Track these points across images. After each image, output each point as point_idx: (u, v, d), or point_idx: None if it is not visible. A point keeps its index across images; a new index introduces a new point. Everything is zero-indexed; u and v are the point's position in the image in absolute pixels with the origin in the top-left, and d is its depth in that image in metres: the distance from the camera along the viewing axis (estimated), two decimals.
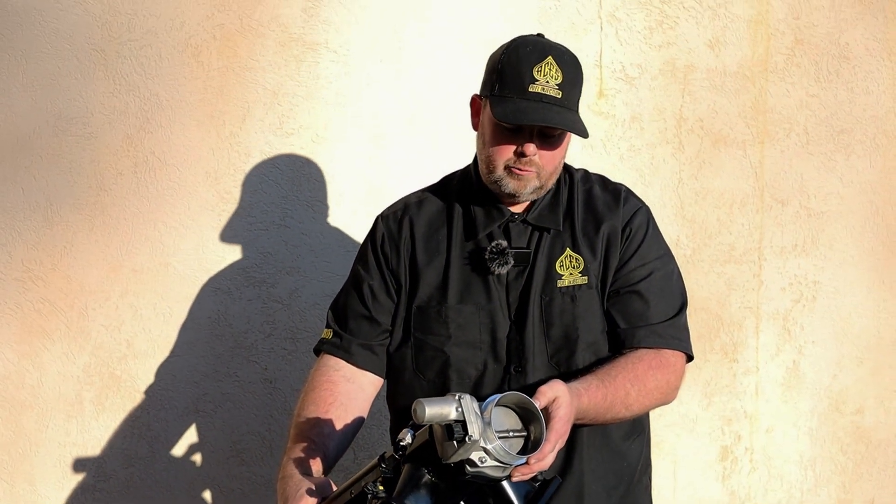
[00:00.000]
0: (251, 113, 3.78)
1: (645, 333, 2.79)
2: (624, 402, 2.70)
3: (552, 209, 2.84)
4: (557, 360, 2.78)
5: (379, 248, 2.91)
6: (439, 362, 2.81)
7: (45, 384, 3.68)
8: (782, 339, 4.34)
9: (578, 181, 2.90)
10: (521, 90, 2.70)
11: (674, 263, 2.90)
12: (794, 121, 4.29)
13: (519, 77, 2.70)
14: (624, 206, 2.86)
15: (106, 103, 3.67)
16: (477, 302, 2.80)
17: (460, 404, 2.22)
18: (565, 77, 2.72)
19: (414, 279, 2.86)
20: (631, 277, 2.82)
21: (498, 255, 2.78)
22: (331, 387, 2.83)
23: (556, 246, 2.82)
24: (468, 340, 2.80)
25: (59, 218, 3.66)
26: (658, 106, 4.15)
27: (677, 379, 2.82)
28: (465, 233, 2.84)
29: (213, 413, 3.81)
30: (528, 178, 2.74)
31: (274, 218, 3.81)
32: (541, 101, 2.69)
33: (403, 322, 2.86)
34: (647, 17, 4.12)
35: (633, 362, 2.74)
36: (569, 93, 2.72)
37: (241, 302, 3.80)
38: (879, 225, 4.41)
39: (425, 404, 2.20)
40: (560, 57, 2.74)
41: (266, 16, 3.77)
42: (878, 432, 4.47)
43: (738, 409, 4.31)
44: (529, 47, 2.74)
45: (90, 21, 3.64)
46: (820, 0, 4.29)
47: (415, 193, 2.99)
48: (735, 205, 4.25)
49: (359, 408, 2.85)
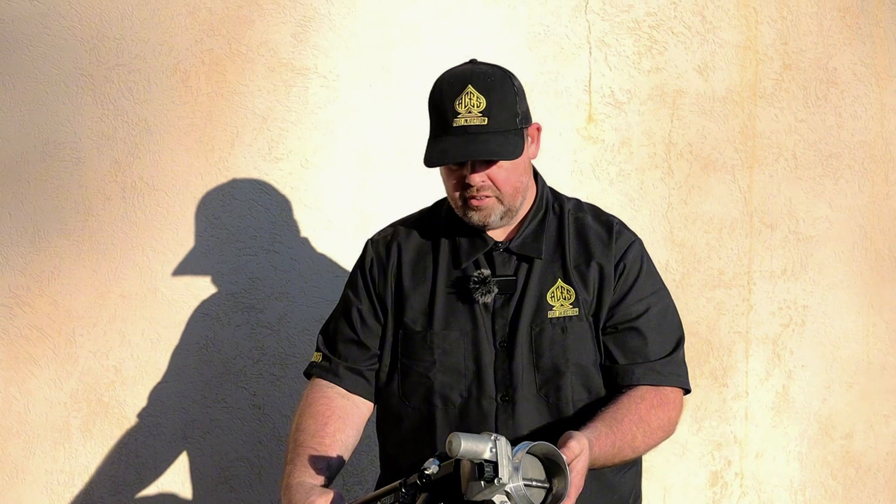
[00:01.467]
0: (240, 138, 3.77)
1: (644, 371, 2.79)
2: (631, 445, 2.71)
3: (536, 237, 2.84)
4: (546, 391, 2.78)
5: (367, 273, 2.92)
6: (424, 388, 2.81)
7: (32, 410, 3.66)
8: (772, 363, 4.34)
9: (570, 210, 2.90)
10: (446, 127, 2.72)
11: (669, 297, 2.91)
12: (783, 145, 4.29)
13: (444, 114, 2.73)
14: (617, 241, 2.86)
15: (94, 128, 3.66)
16: (462, 328, 2.80)
17: (495, 445, 2.24)
18: (490, 100, 2.71)
19: (400, 304, 2.86)
20: (627, 314, 2.82)
21: (481, 283, 2.79)
22: (327, 402, 2.85)
23: (547, 276, 2.82)
24: (452, 367, 2.80)
25: (47, 243, 3.64)
26: (647, 131, 4.16)
27: (677, 414, 2.83)
28: (451, 260, 2.85)
29: (201, 439, 3.79)
30: (489, 205, 2.75)
31: (263, 243, 3.80)
32: (465, 133, 2.70)
33: (391, 347, 2.87)
34: (637, 42, 4.13)
35: (635, 403, 2.74)
36: (497, 114, 2.71)
37: (229, 327, 3.79)
38: (868, 249, 4.41)
39: (462, 438, 2.22)
40: (482, 81, 2.73)
41: (255, 41, 3.77)
42: (867, 457, 4.47)
43: (727, 433, 4.31)
44: (452, 80, 2.75)
45: (78, 46, 3.64)
46: (808, 26, 4.30)
47: (405, 218, 3.01)
48: (724, 229, 4.25)
49: (355, 424, 2.87)
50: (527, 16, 4.01)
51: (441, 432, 2.79)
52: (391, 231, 2.97)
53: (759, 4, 4.25)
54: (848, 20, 4.33)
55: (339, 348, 2.90)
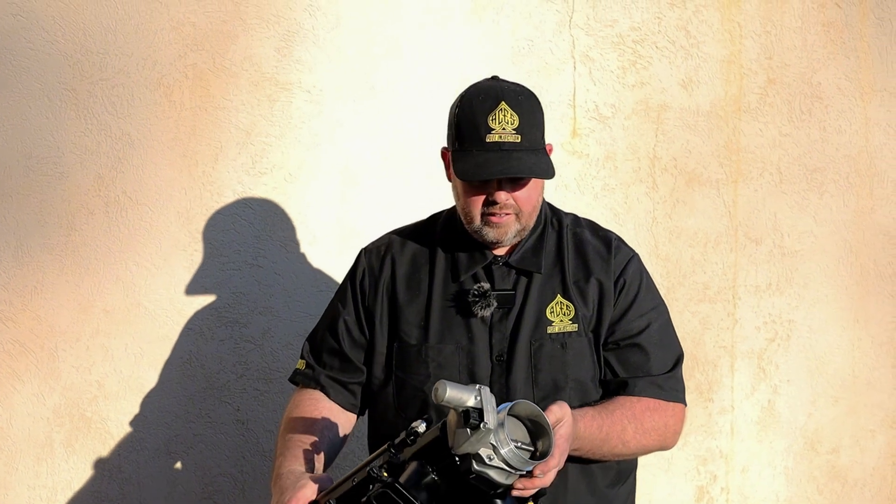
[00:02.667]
0: (224, 152, 3.77)
1: (645, 384, 2.81)
2: (620, 437, 2.72)
3: (535, 252, 2.84)
4: (544, 407, 2.78)
5: (357, 284, 2.92)
6: (419, 401, 2.81)
7: (14, 426, 3.65)
8: (757, 378, 4.33)
9: (568, 226, 2.91)
10: (479, 142, 2.71)
11: (667, 312, 2.93)
12: (768, 160, 4.30)
13: (475, 129, 2.71)
14: (616, 257, 2.87)
15: (77, 142, 3.66)
16: (457, 342, 2.80)
17: (479, 393, 2.27)
18: (522, 118, 2.72)
19: (394, 317, 2.87)
20: (629, 329, 2.83)
21: (480, 297, 2.79)
22: (314, 403, 2.87)
23: (546, 291, 2.82)
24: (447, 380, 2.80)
25: (30, 258, 3.63)
26: (632, 145, 4.16)
27: (676, 424, 2.85)
28: (449, 274, 2.85)
29: (184, 454, 3.77)
30: (507, 223, 2.76)
31: (246, 257, 3.79)
32: (500, 149, 2.70)
33: (385, 360, 2.87)
34: (621, 56, 4.14)
35: (630, 402, 2.77)
36: (529, 133, 2.72)
37: (213, 342, 3.78)
38: (853, 264, 4.42)
39: (447, 385, 2.25)
40: (513, 99, 2.73)
41: (239, 55, 3.76)
42: (853, 472, 4.46)
43: (713, 448, 4.30)
44: (482, 96, 2.74)
45: (61, 60, 3.63)
46: (792, 40, 4.31)
47: (401, 229, 3.01)
48: (709, 244, 4.25)
49: (342, 427, 2.89)
50: (511, 30, 4.02)
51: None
52: (386, 241, 2.97)
53: (743, 19, 4.26)
54: (832, 35, 4.34)
55: (323, 357, 2.92)
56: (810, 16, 4.33)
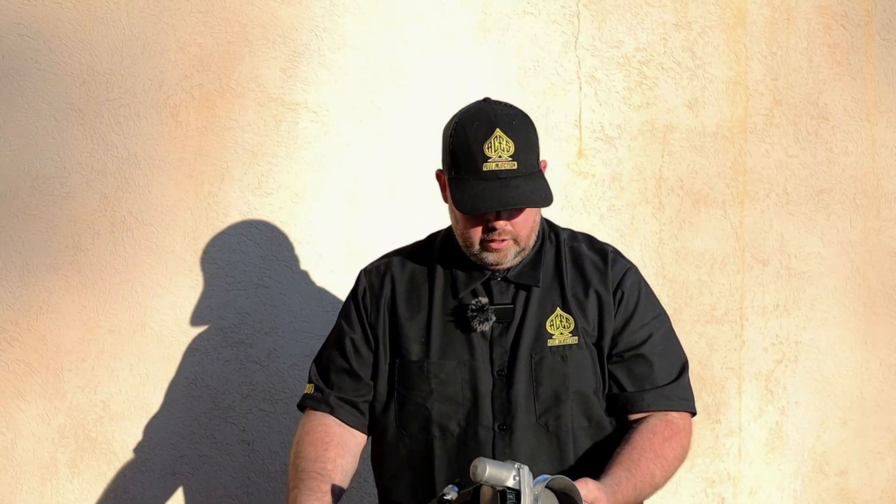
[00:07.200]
0: (230, 173, 3.77)
1: (653, 397, 2.82)
2: (651, 483, 2.74)
3: (533, 266, 2.85)
4: (546, 419, 2.79)
5: (360, 302, 2.93)
6: (421, 418, 2.82)
7: (19, 446, 3.64)
8: (765, 399, 4.32)
9: (565, 240, 2.92)
10: (476, 171, 2.71)
11: (669, 321, 2.95)
12: (774, 181, 4.30)
13: (471, 158, 2.71)
14: (612, 268, 2.88)
15: (83, 162, 3.66)
16: (459, 357, 2.81)
17: (519, 473, 2.30)
18: (517, 144, 2.72)
19: (395, 335, 2.88)
20: (632, 341, 2.84)
21: (478, 311, 2.80)
22: (325, 429, 2.86)
23: (545, 305, 2.83)
24: (449, 396, 2.81)
25: (36, 278, 3.64)
26: (638, 166, 4.16)
27: (688, 440, 2.86)
28: (449, 290, 2.86)
29: (190, 475, 3.76)
30: (506, 248, 2.77)
31: (252, 278, 3.79)
32: (497, 178, 2.70)
33: (387, 378, 2.87)
34: (626, 77, 4.14)
35: (648, 439, 2.76)
36: (525, 158, 2.73)
37: (218, 363, 3.77)
38: (861, 285, 4.41)
39: (486, 464, 2.27)
40: (507, 124, 2.73)
41: (245, 76, 3.78)
42: (862, 494, 4.44)
43: (721, 470, 4.28)
44: (476, 122, 2.74)
45: (68, 81, 3.64)
46: (798, 61, 4.31)
47: (399, 249, 3.02)
48: (716, 265, 4.24)
49: (352, 451, 2.89)
50: (516, 51, 4.03)
51: (439, 462, 2.80)
52: (385, 261, 2.98)
53: (748, 40, 4.27)
54: (838, 56, 4.35)
55: (331, 378, 2.91)
56: (816, 37, 4.34)
